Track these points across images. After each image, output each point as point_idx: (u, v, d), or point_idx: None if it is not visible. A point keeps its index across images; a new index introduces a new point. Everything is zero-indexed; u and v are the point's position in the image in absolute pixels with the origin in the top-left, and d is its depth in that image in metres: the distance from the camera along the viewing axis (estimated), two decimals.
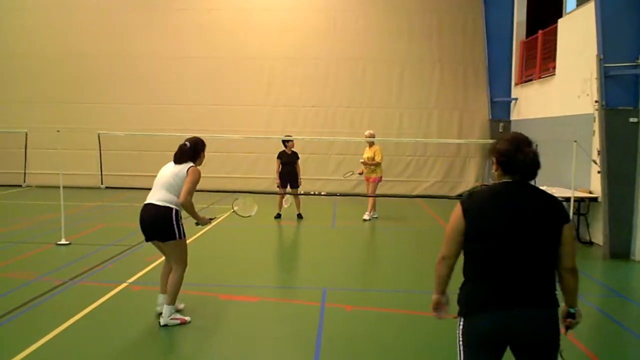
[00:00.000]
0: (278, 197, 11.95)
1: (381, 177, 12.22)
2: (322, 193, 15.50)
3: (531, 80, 14.38)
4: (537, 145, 3.05)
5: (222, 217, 6.10)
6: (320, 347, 5.06)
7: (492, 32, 16.27)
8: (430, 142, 16.07)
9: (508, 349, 2.92)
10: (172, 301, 5.49)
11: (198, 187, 5.57)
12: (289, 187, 11.84)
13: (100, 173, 12.28)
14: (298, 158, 11.95)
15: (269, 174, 12.02)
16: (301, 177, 11.98)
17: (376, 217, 12.27)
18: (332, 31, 16.74)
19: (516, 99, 15.58)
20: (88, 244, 9.19)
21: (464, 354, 2.93)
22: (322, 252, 9.30)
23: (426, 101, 16.62)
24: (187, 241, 5.68)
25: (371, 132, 12.34)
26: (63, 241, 9.04)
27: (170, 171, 5.52)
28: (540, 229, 2.84)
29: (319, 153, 16.46)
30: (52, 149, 11.19)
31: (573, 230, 3.03)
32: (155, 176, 5.71)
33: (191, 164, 5.55)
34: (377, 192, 12.38)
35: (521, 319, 2.79)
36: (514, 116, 15.78)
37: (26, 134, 13.92)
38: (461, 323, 2.95)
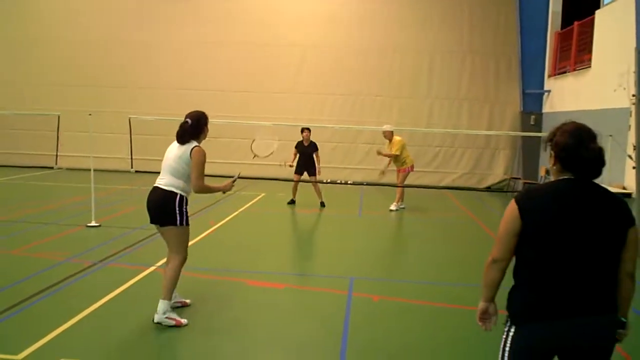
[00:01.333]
0: (293, 183, 11.99)
1: (412, 167, 12.11)
2: (349, 182, 15.45)
3: (565, 72, 14.10)
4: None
5: (240, 172, 5.91)
6: (347, 336, 5.04)
7: (526, 22, 15.96)
8: (459, 133, 15.88)
9: None
10: (166, 296, 5.12)
11: (219, 172, 5.52)
12: (305, 174, 11.80)
13: (130, 157, 12.39)
14: (316, 149, 11.82)
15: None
16: (320, 166, 11.79)
17: (403, 208, 12.19)
18: (363, 20, 16.63)
19: (549, 91, 15.29)
20: (117, 226, 9.30)
21: None
22: (349, 241, 9.27)
23: (456, 92, 16.43)
24: (216, 226, 5.65)
25: (387, 127, 12.06)
26: (93, 223, 9.18)
27: (173, 154, 5.23)
28: (605, 232, 2.62)
29: (346, 142, 16.42)
30: (83, 132, 11.31)
31: (638, 233, 2.77)
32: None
33: (194, 143, 5.22)
34: (405, 182, 12.29)
35: (581, 327, 2.61)
36: (546, 109, 15.50)
37: (59, 117, 14.13)
38: (512, 331, 2.72)
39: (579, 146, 2.63)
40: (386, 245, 9.60)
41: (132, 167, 13.05)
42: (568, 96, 13.80)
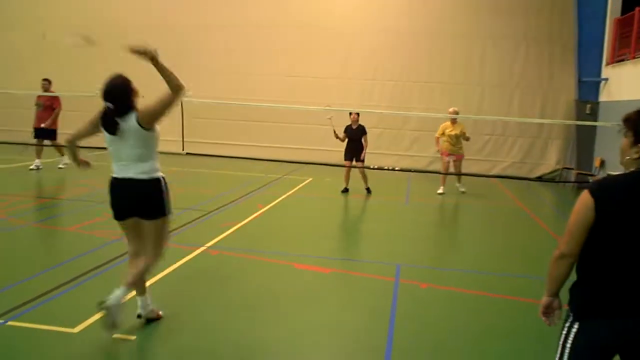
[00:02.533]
0: (344, 170, 11.83)
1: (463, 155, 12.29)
2: (396, 168, 15.34)
3: (624, 60, 13.57)
4: None
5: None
6: (394, 322, 5.02)
7: (584, 8, 15.39)
8: (510, 120, 15.51)
9: None
10: (132, 286, 4.52)
11: (267, 156, 5.34)
12: (353, 160, 11.63)
13: (182, 139, 12.59)
14: (365, 133, 11.59)
15: (341, 146, 12.01)
16: (366, 151, 11.68)
17: (464, 191, 12.33)
18: (413, 4, 16.38)
19: (606, 79, 14.75)
20: None
21: (568, 357, 2.62)
22: (396, 228, 9.22)
23: (509, 79, 16.04)
24: (264, 209, 5.65)
25: (456, 109, 12.22)
26: None
27: (123, 142, 4.37)
28: None
29: (393, 128, 16.27)
30: None
31: None
32: (235, 145, 5.54)
33: (134, 112, 4.36)
34: (452, 170, 12.24)
35: None
36: (603, 97, 14.98)
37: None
38: (575, 327, 2.60)
39: None
40: (433, 233, 9.50)
41: (183, 149, 13.27)
42: (627, 85, 13.29)
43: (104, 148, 4.48)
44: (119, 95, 4.36)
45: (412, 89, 16.37)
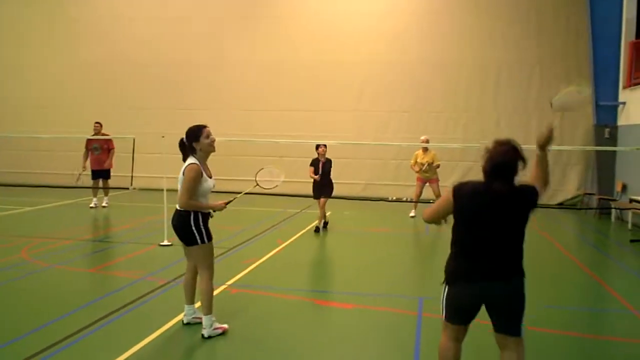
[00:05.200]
0: (318, 209, 11.07)
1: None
2: (409, 199, 15.26)
3: None
4: None
5: (242, 194, 5.88)
6: (419, 357, 4.96)
7: (598, 31, 15.35)
8: (528, 148, 15.39)
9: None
10: (209, 310, 5.30)
11: (284, 191, 5.45)
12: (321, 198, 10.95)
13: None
14: (331, 166, 11.00)
15: (360, 179, 12.03)
16: (384, 182, 11.59)
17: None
18: (423, 35, 16.54)
19: (624, 103, 14.64)
20: None
21: (444, 311, 3.80)
22: (416, 260, 9.14)
23: (524, 104, 16.00)
24: (283, 244, 5.69)
25: (427, 137, 13.13)
26: (165, 242, 9.45)
27: (180, 175, 5.27)
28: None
29: (410, 159, 16.26)
30: (156, 153, 11.73)
31: None
32: (251, 181, 5.77)
33: (191, 160, 5.22)
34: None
35: (491, 289, 3.68)
36: (621, 121, 14.85)
37: (134, 140, 14.71)
38: (446, 289, 3.81)
39: None
40: None
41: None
42: None
43: (125, 188, 4.56)
44: (185, 137, 5.35)
45: (427, 119, 16.39)
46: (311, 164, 10.99)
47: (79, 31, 18.61)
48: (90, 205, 13.59)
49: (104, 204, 13.70)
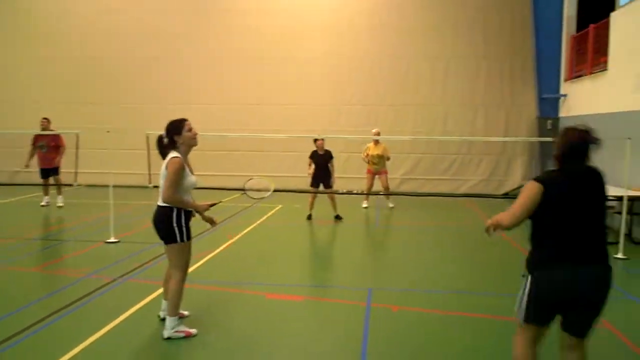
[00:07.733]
0: (310, 197, 11.86)
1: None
2: (359, 192, 15.39)
3: (581, 76, 13.97)
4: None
5: (227, 199, 5.83)
6: (366, 347, 5.01)
7: (541, 26, 15.87)
8: (475, 140, 15.78)
9: None
10: (174, 312, 5.14)
11: (234, 185, 5.47)
12: (321, 186, 11.66)
13: (148, 172, 12.49)
14: (332, 157, 11.68)
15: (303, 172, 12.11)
16: (335, 176, 11.77)
17: (392, 207, 13.38)
18: (374, 29, 16.66)
19: (565, 96, 15.16)
20: (136, 242, 9.36)
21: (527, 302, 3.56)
22: (367, 252, 9.24)
23: (472, 98, 16.36)
24: (233, 239, 5.66)
25: (378, 130, 13.42)
26: (112, 239, 9.25)
27: (161, 171, 5.10)
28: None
29: (360, 152, 16.38)
30: (102, 149, 11.46)
31: None
32: (202, 175, 5.68)
33: (172, 154, 5.05)
34: (422, 190, 12.67)
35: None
36: (562, 113, 15.37)
37: (77, 135, 14.29)
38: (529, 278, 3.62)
39: None
40: (404, 255, 9.50)
41: (150, 183, 13.12)
42: (585, 100, 13.67)
43: (69, 185, 4.43)
44: (165, 131, 5.27)
45: (377, 112, 16.54)
46: (310, 157, 11.76)
47: (26, 26, 18.02)
48: (42, 204, 13.06)
49: (59, 204, 12.97)
